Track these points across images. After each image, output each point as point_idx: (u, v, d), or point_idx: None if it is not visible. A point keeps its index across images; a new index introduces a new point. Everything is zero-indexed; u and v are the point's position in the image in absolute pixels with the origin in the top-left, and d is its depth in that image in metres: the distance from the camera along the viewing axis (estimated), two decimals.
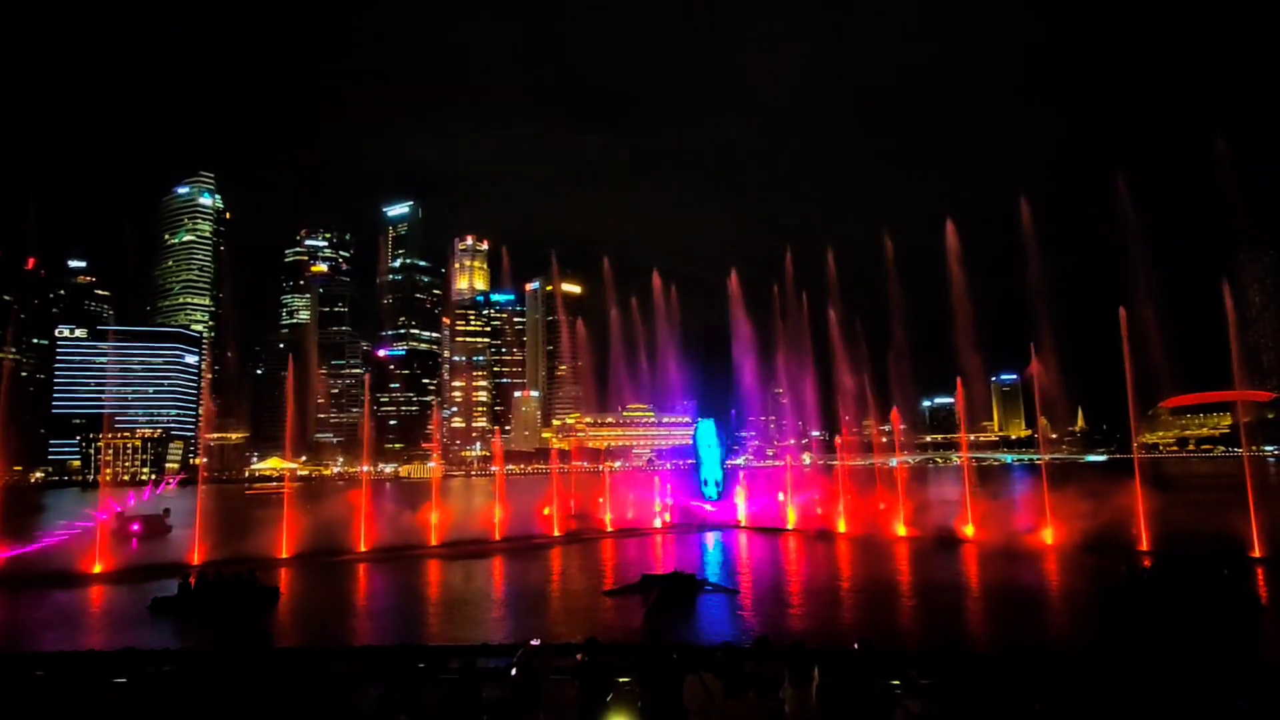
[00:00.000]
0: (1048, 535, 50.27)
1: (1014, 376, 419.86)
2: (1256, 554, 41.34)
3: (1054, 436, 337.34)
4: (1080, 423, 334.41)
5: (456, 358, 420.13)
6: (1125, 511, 49.17)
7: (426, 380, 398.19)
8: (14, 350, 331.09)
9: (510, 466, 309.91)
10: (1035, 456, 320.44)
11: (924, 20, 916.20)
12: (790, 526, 66.44)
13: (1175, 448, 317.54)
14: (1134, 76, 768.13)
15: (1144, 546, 45.35)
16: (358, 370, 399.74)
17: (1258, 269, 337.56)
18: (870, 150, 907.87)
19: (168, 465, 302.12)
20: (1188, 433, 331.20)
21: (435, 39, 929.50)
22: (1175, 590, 30.53)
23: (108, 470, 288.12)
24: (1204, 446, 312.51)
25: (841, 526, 62.89)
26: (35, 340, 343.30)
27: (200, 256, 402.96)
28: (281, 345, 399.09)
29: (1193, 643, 25.23)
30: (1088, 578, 37.99)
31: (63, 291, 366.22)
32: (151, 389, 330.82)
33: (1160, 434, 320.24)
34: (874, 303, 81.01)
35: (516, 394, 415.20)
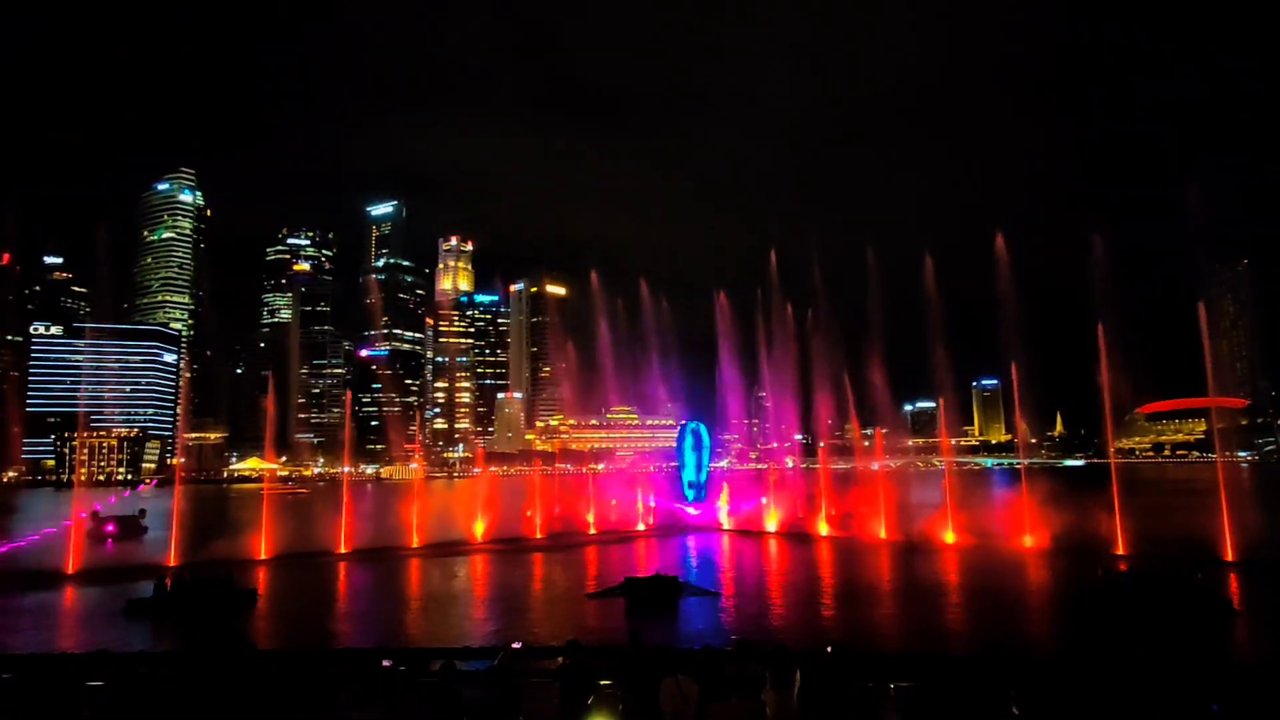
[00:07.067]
0: (1026, 539, 50.83)
1: (995, 381, 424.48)
2: (1229, 558, 41.96)
3: (1033, 441, 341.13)
4: (1059, 428, 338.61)
5: (440, 358, 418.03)
6: (1101, 516, 49.77)
7: (409, 381, 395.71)
8: None
9: (493, 468, 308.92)
10: (1015, 461, 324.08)
11: (912, 36, 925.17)
12: (771, 529, 66.71)
13: (1151, 453, 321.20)
14: (1111, 93, 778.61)
15: (1119, 550, 45.93)
16: (339, 370, 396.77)
17: (1232, 279, 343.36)
18: (857, 159, 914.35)
19: (144, 465, 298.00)
20: (1163, 438, 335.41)
21: (422, 36, 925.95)
22: (1149, 594, 30.91)
23: (83, 470, 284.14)
24: (1179, 452, 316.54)
25: (822, 529, 63.20)
26: (10, 337, 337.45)
27: (180, 254, 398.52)
28: (262, 344, 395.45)
29: (1166, 646, 25.58)
30: (1063, 581, 38.40)
31: (38, 288, 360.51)
32: (129, 388, 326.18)
33: (1137, 439, 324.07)
34: (858, 308, 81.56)
35: (500, 395, 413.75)
